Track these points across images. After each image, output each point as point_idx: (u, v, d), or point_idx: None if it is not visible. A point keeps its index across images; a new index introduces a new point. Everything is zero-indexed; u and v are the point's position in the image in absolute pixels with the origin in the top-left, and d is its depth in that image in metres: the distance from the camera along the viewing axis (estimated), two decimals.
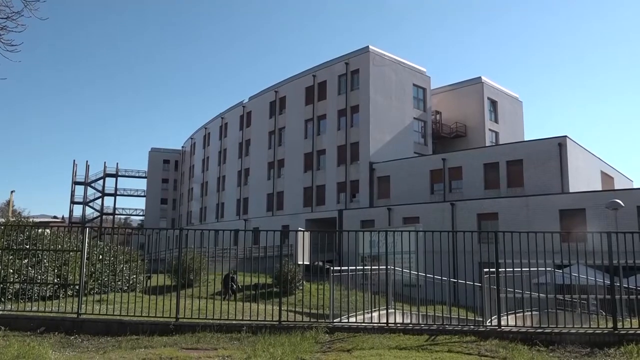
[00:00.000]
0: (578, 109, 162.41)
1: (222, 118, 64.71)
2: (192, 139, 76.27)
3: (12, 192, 67.58)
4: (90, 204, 79.70)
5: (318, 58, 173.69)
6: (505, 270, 10.56)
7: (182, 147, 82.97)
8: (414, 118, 46.46)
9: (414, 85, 47.07)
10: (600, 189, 36.47)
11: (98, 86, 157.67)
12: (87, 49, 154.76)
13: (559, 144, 33.62)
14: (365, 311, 10.85)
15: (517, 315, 12.82)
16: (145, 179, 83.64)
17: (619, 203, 20.10)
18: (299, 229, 24.95)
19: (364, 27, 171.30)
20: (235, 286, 15.22)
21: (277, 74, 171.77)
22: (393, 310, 11.57)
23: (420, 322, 11.45)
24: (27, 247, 12.56)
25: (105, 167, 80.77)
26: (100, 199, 79.84)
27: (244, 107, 59.46)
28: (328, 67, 47.91)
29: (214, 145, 66.26)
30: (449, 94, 52.12)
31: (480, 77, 50.91)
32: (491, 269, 10.27)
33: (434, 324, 9.91)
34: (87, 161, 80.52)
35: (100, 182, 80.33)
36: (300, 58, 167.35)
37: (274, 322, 9.80)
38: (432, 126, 48.62)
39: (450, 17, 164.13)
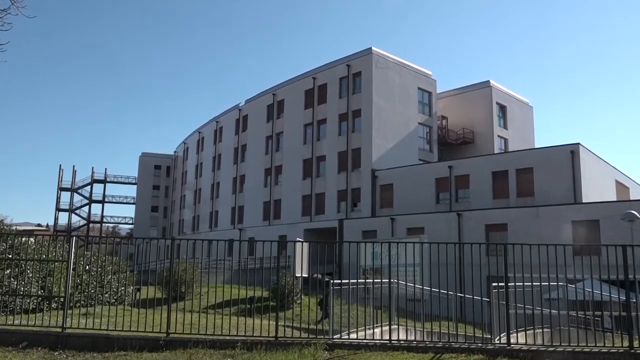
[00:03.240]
0: (592, 115, 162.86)
1: (216, 122, 64.81)
2: (185, 143, 76.34)
3: None
4: (77, 212, 79.65)
5: (318, 60, 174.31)
6: (515, 285, 10.53)
7: (175, 152, 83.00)
8: (419, 123, 46.54)
9: (418, 88, 47.18)
10: (615, 199, 36.46)
11: (86, 88, 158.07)
12: (74, 49, 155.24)
13: (572, 152, 33.67)
14: (367, 327, 10.81)
15: (527, 332, 12.77)
16: (135, 186, 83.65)
17: (635, 214, 20.09)
18: (297, 239, 24.87)
19: (367, 28, 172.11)
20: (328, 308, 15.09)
21: (275, 77, 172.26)
22: (396, 326, 11.53)
23: (425, 339, 11.41)
24: (10, 256, 12.53)
25: (92, 172, 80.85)
26: (88, 206, 79.84)
27: (240, 110, 59.57)
28: (329, 69, 48.05)
29: (208, 150, 66.32)
30: (455, 99, 52.23)
31: (488, 81, 51.05)
32: (500, 284, 10.25)
33: (440, 341, 9.87)
34: (73, 166, 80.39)
35: (88, 188, 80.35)
36: (299, 60, 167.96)
37: (270, 338, 9.76)
38: (437, 132, 48.68)
39: (457, 18, 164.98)
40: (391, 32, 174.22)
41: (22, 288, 12.06)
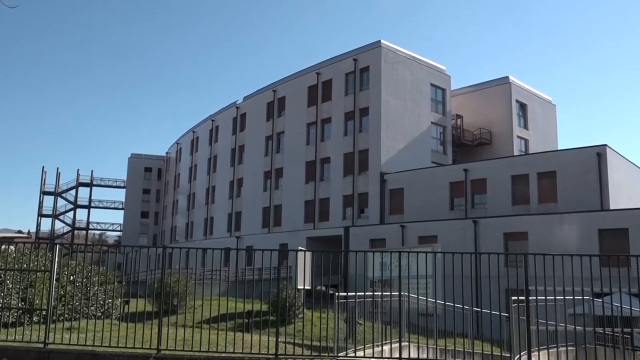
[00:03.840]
0: (620, 114, 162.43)
1: (212, 121, 64.94)
2: (177, 144, 76.52)
3: None
4: (61, 217, 79.90)
5: (322, 54, 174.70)
6: (537, 299, 10.50)
7: (167, 153, 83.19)
8: (432, 123, 46.53)
9: (431, 85, 47.18)
10: None
11: (71, 85, 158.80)
12: (59, 45, 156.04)
13: (598, 154, 33.57)
14: (375, 344, 10.79)
15: (550, 351, 12.72)
16: (124, 189, 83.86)
17: None
18: (299, 248, 24.87)
19: (374, 22, 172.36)
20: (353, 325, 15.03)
21: (275, 72, 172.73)
22: (407, 343, 11.50)
23: (438, 357, 11.38)
24: None
25: (78, 175, 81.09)
26: (72, 212, 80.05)
27: (237, 108, 59.69)
28: (334, 63, 48.11)
29: (203, 151, 66.45)
30: (471, 96, 52.19)
31: (507, 77, 51.02)
32: (520, 297, 10.21)
33: None
34: (57, 168, 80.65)
35: (73, 192, 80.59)
36: (301, 54, 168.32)
37: (270, 356, 9.75)
38: (452, 132, 48.64)
39: (471, 10, 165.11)
40: (402, 24, 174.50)
41: (1, 300, 12.08)
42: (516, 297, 10.54)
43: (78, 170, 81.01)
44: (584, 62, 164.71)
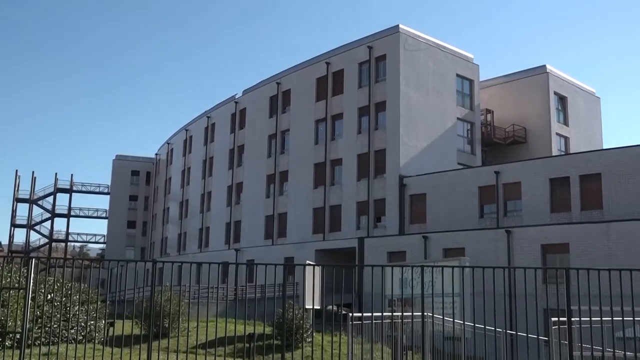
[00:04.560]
0: None
1: (207, 117, 65.13)
2: (168, 144, 76.75)
3: None
4: (37, 228, 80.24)
5: (332, 42, 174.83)
6: (580, 320, 10.41)
7: (156, 154, 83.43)
8: (458, 118, 46.40)
9: (457, 75, 47.07)
10: None
11: (49, 84, 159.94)
12: (36, 43, 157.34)
13: None
14: None
15: None
16: (108, 196, 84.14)
17: None
18: (307, 262, 24.83)
19: (392, 3, 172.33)
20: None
21: (279, 63, 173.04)
22: None
23: None
24: None
25: (56, 180, 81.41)
26: (50, 221, 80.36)
27: (236, 103, 59.82)
28: (346, 52, 48.13)
29: (197, 152, 66.62)
30: (503, 88, 52.01)
31: (544, 66, 50.83)
32: (561, 318, 10.14)
33: None
34: (32, 172, 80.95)
35: (50, 199, 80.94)
36: (307, 43, 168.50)
37: None
38: (481, 129, 48.49)
39: None
40: (423, 7, 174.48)
41: None
42: (556, 318, 10.47)
43: (56, 174, 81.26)
44: (632, 47, 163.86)
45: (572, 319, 9.67)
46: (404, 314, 11.52)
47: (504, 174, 38.27)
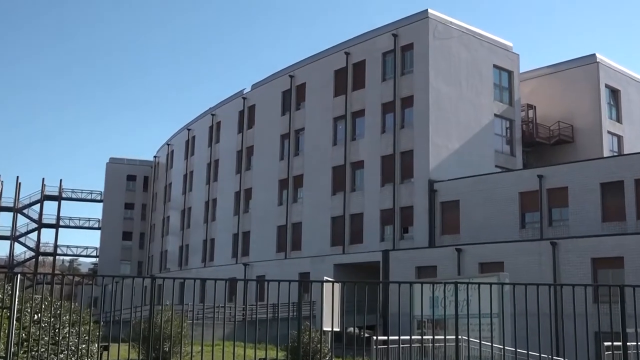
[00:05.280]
0: None
1: (212, 115, 65.36)
2: (168, 145, 77.10)
3: None
4: (22, 240, 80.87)
5: (352, 31, 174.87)
6: (637, 345, 10.31)
7: (155, 157, 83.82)
8: (495, 115, 46.20)
9: (494, 66, 46.89)
10: None
11: (35, 82, 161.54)
12: (23, 36, 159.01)
13: None
14: None
15: None
16: (101, 204, 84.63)
17: None
18: (325, 278, 24.75)
19: None
20: None
21: (291, 55, 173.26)
22: None
23: None
24: None
25: (43, 186, 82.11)
26: (36, 232, 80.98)
27: (244, 99, 59.99)
28: (367, 41, 48.13)
29: (201, 154, 66.85)
30: (547, 80, 51.71)
31: (594, 55, 50.49)
32: (615, 342, 10.05)
33: None
34: (17, 177, 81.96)
35: (37, 207, 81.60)
36: (325, 31, 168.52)
37: None
38: (522, 127, 48.25)
39: None
40: None
41: None
42: (610, 343, 10.38)
43: (43, 179, 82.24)
44: None
45: (628, 343, 9.58)
46: (435, 337, 11.48)
47: (549, 178, 38.03)
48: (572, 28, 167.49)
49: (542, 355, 15.14)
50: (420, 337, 12.34)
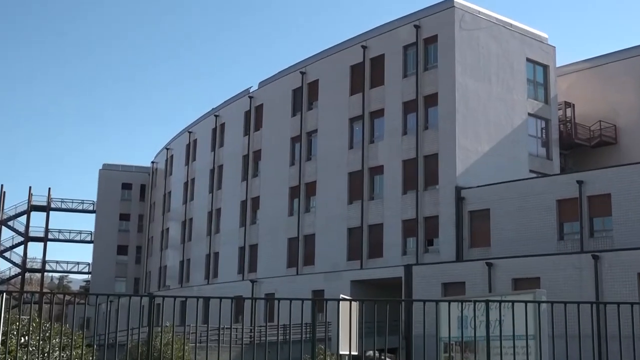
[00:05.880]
0: None
1: (216, 116, 65.51)
2: (167, 149, 77.31)
3: None
4: (6, 254, 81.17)
5: (370, 21, 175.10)
6: None
7: (153, 162, 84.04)
8: (529, 114, 46.05)
9: (528, 60, 46.77)
10: None
11: (22, 81, 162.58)
12: (9, 31, 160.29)
13: None
14: None
15: None
16: (94, 215, 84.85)
17: None
18: (341, 296, 24.70)
19: None
20: None
21: (302, 50, 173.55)
22: None
23: None
24: None
25: (30, 195, 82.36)
26: (23, 246, 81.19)
27: (250, 98, 60.09)
28: (387, 32, 48.11)
29: (203, 159, 66.97)
30: (587, 75, 51.50)
31: (639, 47, 50.23)
32: None
33: None
34: (1, 186, 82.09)
35: (23, 219, 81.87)
36: (340, 22, 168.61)
37: None
38: (559, 127, 48.06)
39: None
40: None
41: None
42: None
43: (30, 188, 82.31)
44: None
45: None
46: None
47: (590, 184, 37.86)
48: (614, 17, 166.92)
49: None
50: None
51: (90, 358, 17.52)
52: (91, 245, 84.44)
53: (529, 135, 45.99)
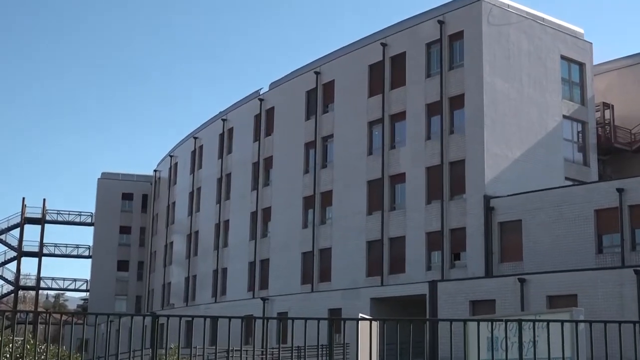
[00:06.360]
0: None
1: (223, 120, 65.67)
2: (171, 157, 77.55)
3: None
4: None
5: (390, 17, 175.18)
6: None
7: (156, 170, 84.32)
8: (564, 117, 45.92)
9: (562, 58, 46.65)
10: None
11: (11, 82, 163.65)
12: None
13: None
14: None
15: None
16: (92, 227, 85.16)
17: None
18: (360, 315, 24.68)
19: None
20: None
21: (316, 49, 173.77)
22: None
23: None
24: None
25: (24, 206, 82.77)
26: (16, 262, 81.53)
27: (261, 100, 60.22)
28: (408, 29, 48.13)
29: (210, 167, 67.13)
30: (626, 73, 51.35)
31: None
32: None
33: None
34: None
35: (16, 232, 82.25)
36: (357, 19, 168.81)
37: None
38: (597, 131, 47.91)
39: None
40: None
41: None
42: None
43: (24, 199, 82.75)
44: None
45: None
46: None
47: (631, 192, 37.72)
48: None
49: None
50: None
51: None
52: (89, 260, 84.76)
53: (564, 140, 45.82)
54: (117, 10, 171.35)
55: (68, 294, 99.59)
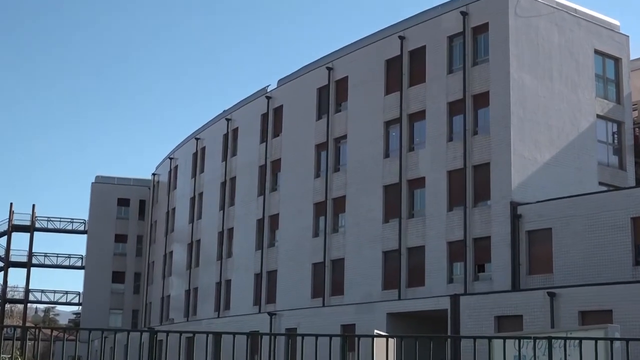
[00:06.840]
0: None
1: (227, 120, 65.75)
2: (171, 159, 77.69)
3: None
4: None
5: (407, 9, 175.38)
6: None
7: (154, 174, 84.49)
8: (598, 116, 45.85)
9: (596, 52, 46.60)
10: None
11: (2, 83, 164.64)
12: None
13: None
14: None
15: None
16: (85, 236, 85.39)
17: None
18: (376, 332, 24.64)
19: None
20: None
21: (327, 44, 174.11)
22: None
23: None
24: None
25: (11, 213, 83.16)
26: (3, 273, 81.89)
27: (268, 98, 60.29)
28: (429, 21, 48.19)
29: (213, 170, 67.26)
30: None
31: None
32: None
33: None
34: None
35: (3, 240, 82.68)
36: (373, 12, 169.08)
37: None
38: (634, 132, 47.82)
39: None
40: None
41: None
42: None
43: (11, 205, 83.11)
44: None
45: None
46: None
47: None
48: None
49: None
50: None
51: None
52: (82, 271, 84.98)
53: (598, 141, 45.75)
54: (116, 10, 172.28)
55: (59, 307, 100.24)
